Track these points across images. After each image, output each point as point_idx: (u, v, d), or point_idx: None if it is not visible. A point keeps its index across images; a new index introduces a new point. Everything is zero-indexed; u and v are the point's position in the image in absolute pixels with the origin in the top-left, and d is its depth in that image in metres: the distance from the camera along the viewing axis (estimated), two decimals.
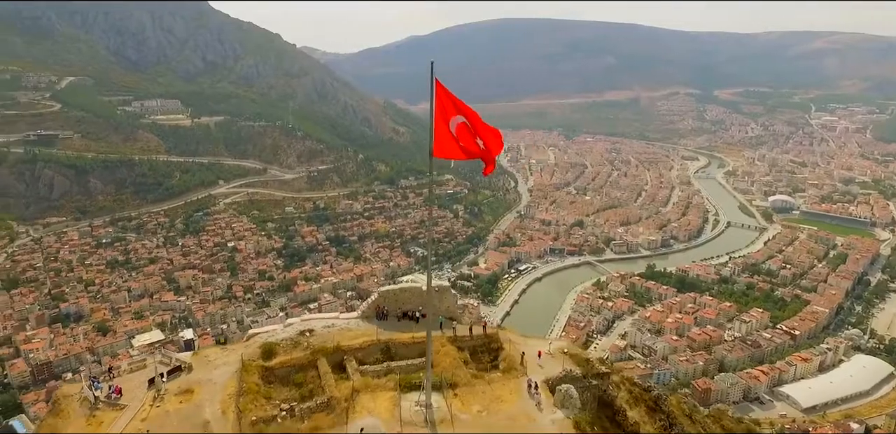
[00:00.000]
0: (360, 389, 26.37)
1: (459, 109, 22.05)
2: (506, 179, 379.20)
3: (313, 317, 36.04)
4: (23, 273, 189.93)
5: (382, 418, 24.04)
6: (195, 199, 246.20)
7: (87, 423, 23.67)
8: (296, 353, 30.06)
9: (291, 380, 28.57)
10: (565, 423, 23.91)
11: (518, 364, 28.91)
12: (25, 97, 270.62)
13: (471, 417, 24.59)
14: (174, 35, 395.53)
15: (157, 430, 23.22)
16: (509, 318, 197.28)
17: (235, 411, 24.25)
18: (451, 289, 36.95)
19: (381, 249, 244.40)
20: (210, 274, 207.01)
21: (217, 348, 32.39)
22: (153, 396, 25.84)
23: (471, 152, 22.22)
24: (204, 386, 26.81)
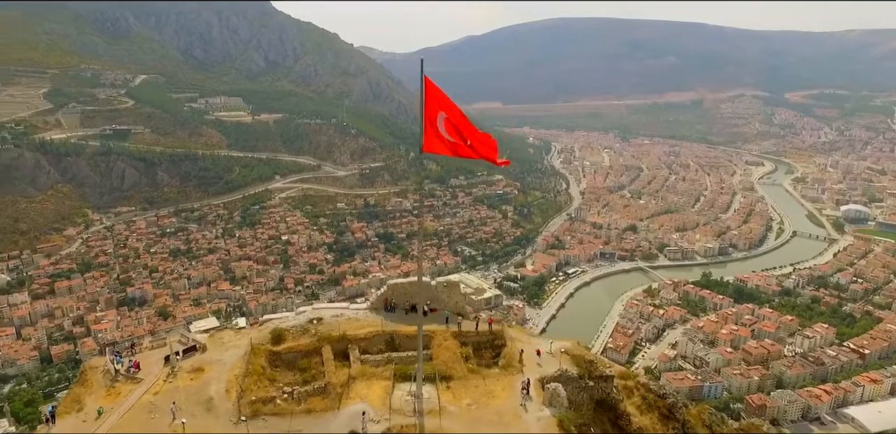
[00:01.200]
0: (357, 377, 27.26)
1: (446, 107, 22.42)
2: (557, 181, 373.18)
3: (324, 306, 37.06)
4: (95, 258, 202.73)
5: (373, 405, 24.84)
6: (252, 193, 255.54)
7: (107, 394, 25.74)
8: (303, 339, 31.27)
9: (297, 365, 29.67)
10: (550, 422, 24.04)
11: (516, 361, 28.98)
12: (104, 94, 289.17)
13: (459, 410, 25.05)
14: (238, 35, 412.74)
15: (165, 402, 24.64)
16: (555, 322, 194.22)
17: (238, 391, 25.67)
18: (460, 284, 36.99)
19: (429, 247, 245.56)
20: (264, 265, 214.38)
21: (232, 331, 33.96)
22: (167, 373, 27.64)
23: (456, 150, 22.70)
24: (214, 365, 28.42)
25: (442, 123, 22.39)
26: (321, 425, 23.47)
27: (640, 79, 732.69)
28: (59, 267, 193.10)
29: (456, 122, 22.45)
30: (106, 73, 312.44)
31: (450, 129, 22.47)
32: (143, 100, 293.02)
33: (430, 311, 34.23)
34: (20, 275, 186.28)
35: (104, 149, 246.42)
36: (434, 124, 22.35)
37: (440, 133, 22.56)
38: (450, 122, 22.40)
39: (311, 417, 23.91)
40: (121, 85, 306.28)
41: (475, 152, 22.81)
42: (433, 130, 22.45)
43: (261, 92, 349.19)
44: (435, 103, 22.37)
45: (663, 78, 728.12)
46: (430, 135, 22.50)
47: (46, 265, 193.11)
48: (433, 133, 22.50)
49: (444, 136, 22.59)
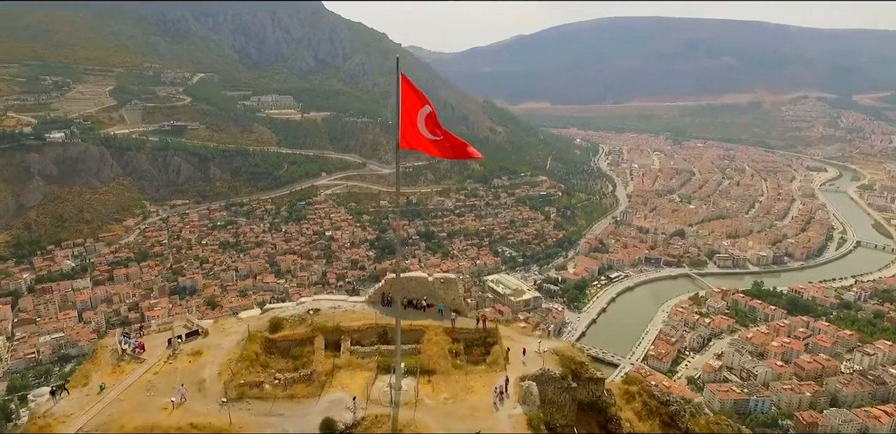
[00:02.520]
0: (342, 367, 27.98)
1: (425, 103, 22.38)
2: (603, 183, 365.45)
3: (323, 297, 38.02)
4: (151, 248, 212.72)
5: (352, 394, 25.53)
6: (299, 189, 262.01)
7: (112, 371, 27.46)
8: (299, 328, 32.38)
9: (290, 352, 30.72)
10: (520, 419, 24.33)
11: (501, 359, 29.23)
12: (163, 91, 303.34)
13: (435, 403, 25.53)
14: (291, 35, 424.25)
15: (163, 382, 26.13)
16: (594, 327, 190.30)
17: (229, 374, 26.94)
18: (457, 281, 36.97)
19: (469, 247, 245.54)
20: (308, 260, 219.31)
21: (234, 318, 35.36)
22: (169, 354, 29.24)
23: (435, 147, 22.86)
24: (212, 350, 29.83)
25: (422, 120, 22.49)
26: (300, 411, 24.26)
27: (695, 79, 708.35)
28: (118, 255, 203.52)
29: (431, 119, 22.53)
30: (166, 71, 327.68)
31: (430, 126, 22.57)
32: (200, 97, 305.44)
33: (427, 307, 34.72)
34: (83, 262, 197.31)
35: (162, 144, 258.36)
36: (414, 121, 22.46)
37: (420, 130, 22.65)
38: (431, 118, 22.45)
39: (292, 403, 24.75)
40: (179, 83, 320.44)
41: (453, 151, 23.06)
42: (413, 127, 22.54)
43: (310, 90, 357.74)
44: (415, 100, 22.41)
45: (719, 78, 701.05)
46: (408, 131, 22.63)
47: (107, 253, 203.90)
48: (413, 130, 22.59)
49: (424, 133, 22.69)
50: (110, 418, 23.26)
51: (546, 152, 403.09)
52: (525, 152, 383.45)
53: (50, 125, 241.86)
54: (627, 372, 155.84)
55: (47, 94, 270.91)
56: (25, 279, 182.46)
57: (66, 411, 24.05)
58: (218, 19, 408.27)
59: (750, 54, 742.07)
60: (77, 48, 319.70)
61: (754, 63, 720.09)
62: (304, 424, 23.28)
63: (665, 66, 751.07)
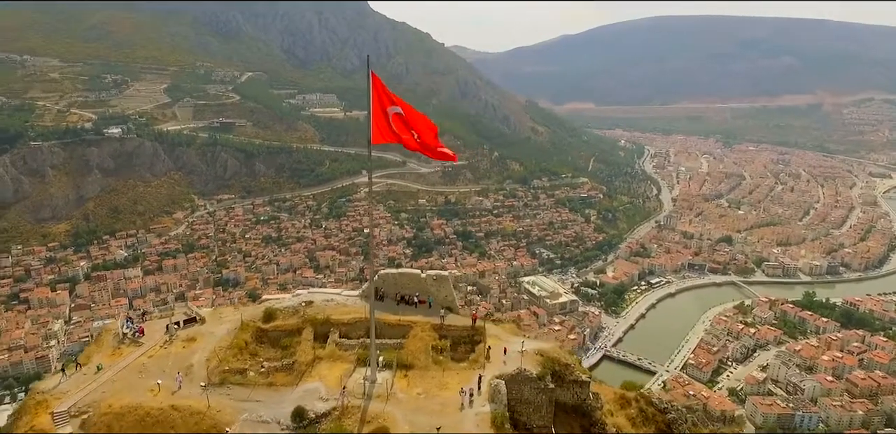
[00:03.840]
0: (324, 358, 28.86)
1: (394, 101, 23.40)
2: (647, 186, 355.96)
3: (319, 290, 39.04)
4: (198, 240, 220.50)
5: (328, 384, 26.18)
6: (340, 187, 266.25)
7: (111, 353, 29.30)
8: (291, 319, 33.45)
9: (280, 342, 31.65)
10: (486, 417, 24.46)
11: (482, 358, 29.26)
12: (214, 89, 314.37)
13: (407, 398, 25.78)
14: (336, 35, 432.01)
15: (156, 366, 27.58)
16: (632, 333, 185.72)
17: (216, 360, 28.16)
18: (450, 279, 37.33)
19: (506, 247, 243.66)
20: (346, 256, 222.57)
21: (231, 307, 36.88)
22: (165, 340, 30.83)
23: (406, 143, 23.74)
24: (205, 336, 31.28)
25: (391, 117, 23.36)
26: (277, 398, 25.13)
27: (750, 80, 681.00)
28: (167, 246, 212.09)
29: (407, 117, 23.54)
30: (217, 70, 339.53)
31: (398, 124, 23.45)
32: (248, 95, 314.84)
33: (420, 303, 34.99)
34: (135, 252, 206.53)
35: (211, 140, 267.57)
36: (384, 117, 23.35)
37: (391, 126, 23.48)
38: (399, 116, 23.39)
39: (270, 390, 25.75)
40: (229, 81, 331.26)
41: (425, 148, 24.11)
42: (384, 123, 23.39)
43: (354, 89, 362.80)
44: (385, 98, 23.31)
45: (776, 79, 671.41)
46: (377, 127, 23.45)
47: (157, 244, 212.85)
48: (384, 125, 23.43)
49: (393, 129, 23.57)
50: (101, 397, 24.62)
51: (589, 154, 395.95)
52: (567, 153, 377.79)
53: (108, 121, 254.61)
54: (665, 380, 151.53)
55: (107, 92, 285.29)
56: (83, 267, 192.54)
57: (63, 388, 25.54)
58: (267, 20, 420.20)
59: (810, 54, 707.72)
60: (136, 48, 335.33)
61: (815, 63, 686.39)
62: (278, 411, 24.18)
63: (717, 66, 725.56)
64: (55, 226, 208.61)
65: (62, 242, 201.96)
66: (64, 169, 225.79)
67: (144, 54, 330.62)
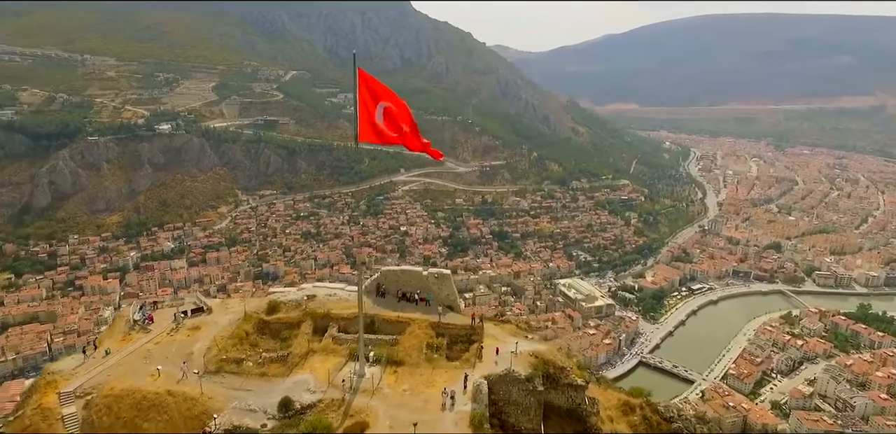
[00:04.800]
0: (318, 351, 29.37)
1: (383, 97, 23.25)
2: (692, 190, 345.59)
3: (323, 285, 39.56)
4: (240, 234, 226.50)
5: (316, 377, 26.65)
6: (378, 185, 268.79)
7: (122, 339, 30.64)
8: (293, 312, 34.27)
9: (280, 334, 32.42)
10: (465, 416, 24.45)
11: (474, 357, 29.31)
12: (259, 88, 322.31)
13: (393, 393, 26.01)
14: (378, 34, 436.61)
15: (160, 352, 28.72)
16: (671, 340, 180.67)
17: (216, 349, 29.05)
18: (451, 277, 37.31)
19: (543, 249, 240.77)
20: (382, 253, 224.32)
21: (239, 299, 38.28)
22: (172, 328, 32.00)
23: (392, 139, 23.71)
24: (210, 326, 32.35)
25: (381, 114, 23.20)
26: (267, 388, 25.86)
27: (804, 80, 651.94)
28: (211, 239, 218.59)
29: (398, 114, 23.38)
30: (263, 69, 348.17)
31: (388, 120, 23.28)
32: (291, 94, 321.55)
33: (420, 301, 35.13)
34: (181, 244, 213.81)
35: (255, 137, 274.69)
36: (371, 115, 23.26)
37: (377, 123, 23.31)
38: (389, 112, 23.19)
39: (262, 380, 26.49)
40: (274, 80, 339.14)
41: (412, 140, 23.80)
42: (370, 121, 23.36)
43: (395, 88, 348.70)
44: (373, 95, 23.19)
45: (833, 80, 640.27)
46: (364, 125, 23.45)
47: (202, 237, 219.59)
48: (369, 124, 23.39)
49: (380, 126, 23.36)
50: (105, 380, 25.86)
51: (631, 155, 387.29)
52: (608, 155, 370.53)
53: (160, 117, 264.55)
54: (703, 389, 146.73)
55: (159, 90, 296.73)
56: (132, 257, 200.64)
57: (72, 370, 26.98)
58: (311, 20, 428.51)
59: (872, 53, 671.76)
60: (187, 47, 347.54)
61: (877, 62, 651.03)
62: (267, 401, 24.92)
63: (769, 65, 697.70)
64: (108, 217, 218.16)
65: (114, 233, 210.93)
66: (118, 163, 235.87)
67: (195, 54, 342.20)
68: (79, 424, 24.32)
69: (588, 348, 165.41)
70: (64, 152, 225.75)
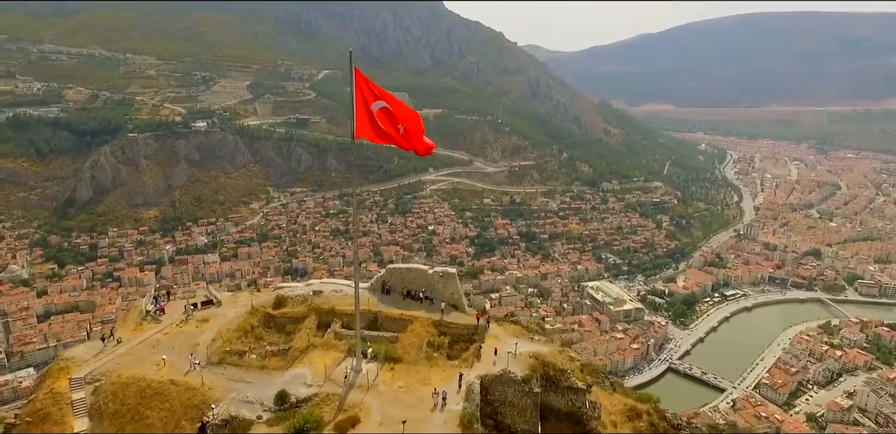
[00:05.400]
0: (318, 346, 29.72)
1: (380, 96, 23.61)
2: (727, 193, 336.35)
3: (330, 281, 40.33)
4: (271, 230, 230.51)
5: (314, 371, 27.02)
6: (407, 184, 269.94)
7: (134, 328, 31.69)
8: (298, 307, 35.11)
9: (285, 328, 32.94)
10: (456, 415, 24.51)
11: (473, 357, 29.35)
12: (292, 87, 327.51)
13: (388, 390, 26.25)
14: (410, 34, 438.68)
15: (168, 342, 29.59)
16: (701, 346, 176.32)
17: (221, 341, 29.73)
18: (457, 276, 37.11)
19: (571, 251, 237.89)
20: (409, 252, 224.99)
21: (247, 292, 39.27)
22: (181, 319, 32.85)
23: (390, 137, 23.91)
24: (218, 318, 33.12)
25: (379, 113, 23.65)
26: (266, 380, 26.41)
27: (850, 82, 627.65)
28: (243, 235, 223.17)
29: (394, 112, 23.73)
30: (296, 68, 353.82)
31: (382, 119, 23.71)
32: (323, 93, 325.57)
33: (425, 299, 35.46)
34: (214, 238, 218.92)
35: (287, 135, 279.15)
36: (368, 112, 23.65)
37: (374, 121, 23.68)
38: (385, 111, 23.59)
39: (262, 373, 27.06)
40: (306, 79, 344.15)
41: (408, 140, 23.94)
42: (367, 118, 23.72)
43: (424, 87, 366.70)
44: (369, 93, 23.55)
45: (882, 81, 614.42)
46: (361, 122, 23.79)
47: (234, 232, 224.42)
48: (366, 120, 23.76)
49: (377, 124, 23.74)
50: (114, 368, 26.86)
51: (664, 157, 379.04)
52: (640, 156, 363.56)
53: (196, 115, 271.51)
54: (734, 398, 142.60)
55: (196, 88, 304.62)
56: (168, 250, 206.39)
57: (85, 357, 27.98)
58: (344, 19, 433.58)
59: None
60: (223, 47, 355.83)
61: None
62: (264, 393, 25.48)
63: (812, 66, 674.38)
64: (146, 211, 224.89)
65: (151, 227, 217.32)
66: (156, 159, 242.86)
67: (231, 53, 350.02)
68: (86, 409, 25.26)
69: (615, 352, 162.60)
70: (105, 148, 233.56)
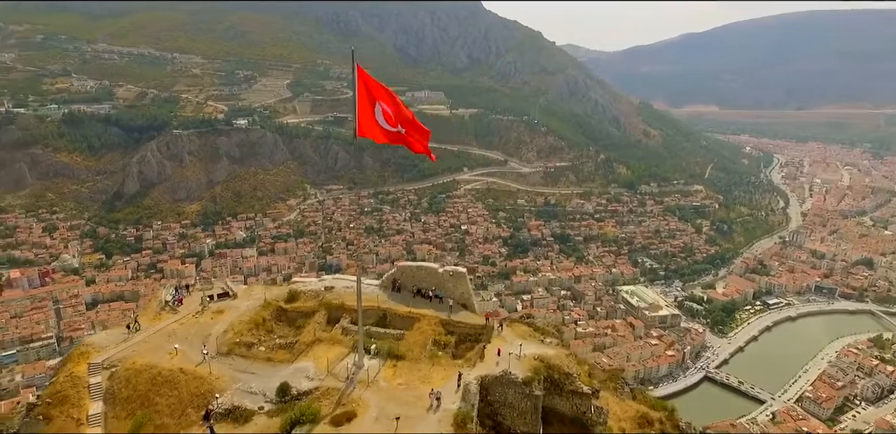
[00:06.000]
0: (324, 340, 30.33)
1: (382, 95, 23.91)
2: (773, 198, 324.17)
3: (343, 277, 40.67)
4: (307, 227, 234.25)
5: (316, 365, 27.55)
6: (441, 183, 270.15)
7: (153, 318, 33.02)
8: (310, 302, 35.56)
9: (296, 322, 33.68)
10: (450, 414, 24.56)
11: (476, 357, 29.38)
12: (330, 85, 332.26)
13: (388, 387, 26.48)
14: (447, 33, 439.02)
15: (182, 332, 30.87)
16: (740, 355, 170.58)
17: (232, 332, 30.68)
18: (467, 276, 37.18)
19: (606, 254, 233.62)
20: (442, 251, 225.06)
21: (263, 286, 39.92)
22: (197, 310, 34.03)
23: (391, 136, 24.27)
24: (232, 310, 34.17)
25: (380, 111, 23.92)
26: (270, 372, 27.13)
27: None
28: (280, 230, 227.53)
29: (394, 112, 24.01)
30: (335, 67, 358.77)
31: (387, 118, 23.99)
32: None
33: (435, 297, 35.47)
34: (252, 233, 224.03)
35: (325, 133, 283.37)
36: (371, 111, 23.88)
37: (377, 120, 23.91)
38: (387, 111, 23.87)
39: (267, 365, 27.80)
40: (344, 78, 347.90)
41: (408, 140, 24.28)
42: (370, 117, 23.89)
43: (461, 87, 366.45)
44: (371, 92, 23.78)
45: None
46: (364, 120, 24.01)
47: (271, 228, 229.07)
48: (370, 119, 23.94)
49: (380, 123, 24.01)
50: (130, 355, 28.15)
51: (706, 160, 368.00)
52: (681, 159, 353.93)
53: (237, 113, 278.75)
54: (774, 411, 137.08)
55: (238, 86, 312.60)
56: (208, 244, 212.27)
57: (104, 344, 29.49)
58: (384, 19, 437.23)
59: None
60: (265, 46, 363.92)
61: None
62: (267, 385, 26.03)
63: (865, 66, 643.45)
64: (188, 206, 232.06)
65: (193, 221, 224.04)
66: (198, 155, 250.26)
67: (273, 52, 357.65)
68: (102, 393, 26.50)
69: (649, 358, 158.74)
70: (152, 144, 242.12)
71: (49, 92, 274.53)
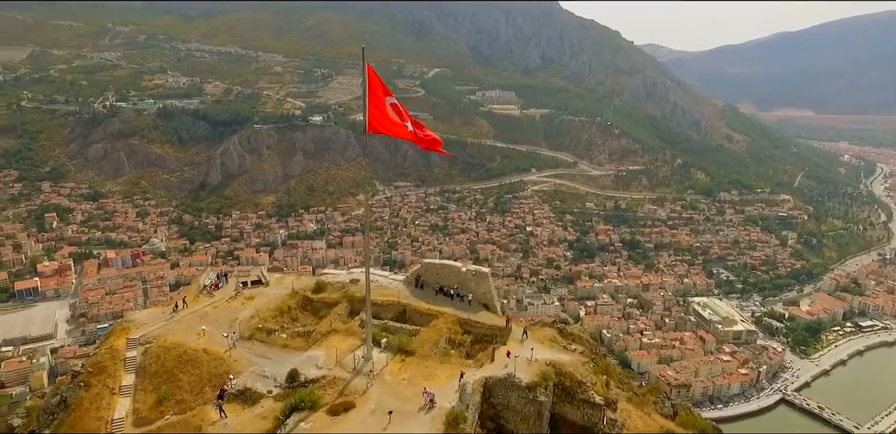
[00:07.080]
0: (340, 331, 31.16)
1: (389, 93, 24.22)
2: (873, 211, 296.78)
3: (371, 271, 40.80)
4: (374, 222, 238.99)
5: (326, 354, 28.54)
6: (508, 183, 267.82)
7: (192, 300, 35.32)
8: (335, 294, 36.88)
9: (319, 312, 34.77)
10: (443, 413, 24.59)
11: (486, 357, 29.41)
12: (403, 84, 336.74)
13: (391, 381, 27.00)
14: (521, 33, 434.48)
15: (213, 315, 32.92)
16: (825, 379, 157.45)
17: (257, 318, 32.14)
18: (490, 276, 37.04)
19: (678, 262, 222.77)
20: (505, 251, 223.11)
21: (294, 276, 42.65)
22: (231, 296, 35.96)
23: (400, 133, 24.64)
24: (262, 297, 36.01)
25: (390, 108, 24.23)
26: (284, 359, 28.25)
27: None
28: (348, 224, 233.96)
29: (403, 109, 24.58)
30: (408, 66, 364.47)
31: (398, 113, 24.51)
32: (433, 90, 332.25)
33: (457, 296, 35.64)
34: (322, 226, 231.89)
35: None
36: (382, 108, 24.10)
37: (389, 116, 24.20)
38: (396, 107, 24.36)
39: (283, 351, 29.05)
40: (417, 77, 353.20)
41: (419, 138, 24.78)
42: (380, 113, 24.13)
43: (533, 87, 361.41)
44: (381, 88, 24.01)
45: None
46: (374, 117, 24.18)
47: (340, 222, 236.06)
48: (380, 116, 24.13)
49: (393, 119, 24.27)
50: (164, 333, 30.21)
51: (797, 168, 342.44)
52: (768, 166, 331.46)
53: (313, 110, 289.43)
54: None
55: (315, 84, 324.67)
56: (281, 234, 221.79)
57: (144, 321, 31.79)
58: (458, 19, 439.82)
59: None
60: (343, 45, 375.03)
61: None
62: (279, 370, 27.14)
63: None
64: (264, 197, 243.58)
65: (268, 212, 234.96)
66: (276, 150, 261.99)
67: (349, 51, 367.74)
68: (135, 367, 28.56)
69: (719, 375, 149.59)
70: (234, 138, 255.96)
71: (147, 87, 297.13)
